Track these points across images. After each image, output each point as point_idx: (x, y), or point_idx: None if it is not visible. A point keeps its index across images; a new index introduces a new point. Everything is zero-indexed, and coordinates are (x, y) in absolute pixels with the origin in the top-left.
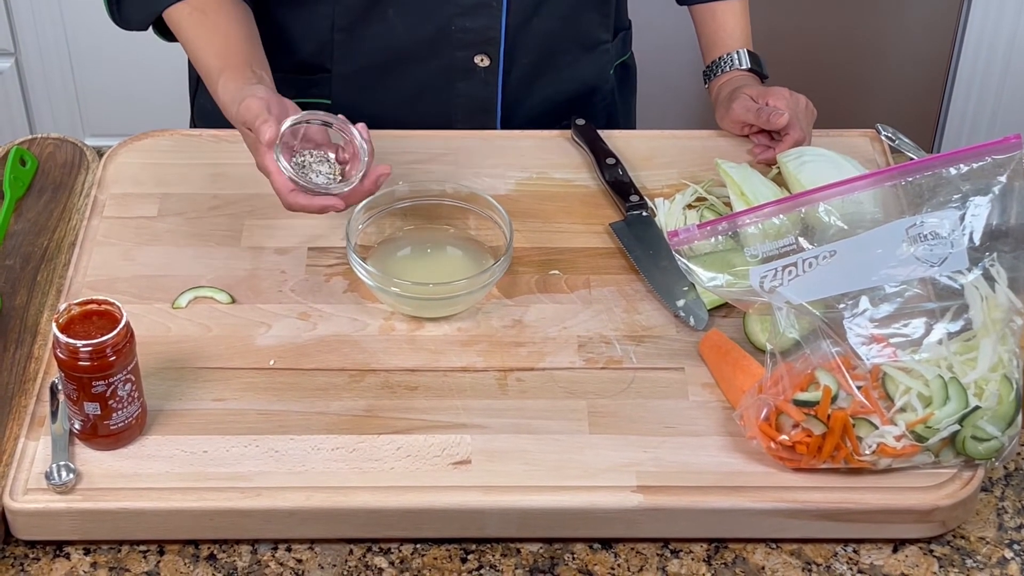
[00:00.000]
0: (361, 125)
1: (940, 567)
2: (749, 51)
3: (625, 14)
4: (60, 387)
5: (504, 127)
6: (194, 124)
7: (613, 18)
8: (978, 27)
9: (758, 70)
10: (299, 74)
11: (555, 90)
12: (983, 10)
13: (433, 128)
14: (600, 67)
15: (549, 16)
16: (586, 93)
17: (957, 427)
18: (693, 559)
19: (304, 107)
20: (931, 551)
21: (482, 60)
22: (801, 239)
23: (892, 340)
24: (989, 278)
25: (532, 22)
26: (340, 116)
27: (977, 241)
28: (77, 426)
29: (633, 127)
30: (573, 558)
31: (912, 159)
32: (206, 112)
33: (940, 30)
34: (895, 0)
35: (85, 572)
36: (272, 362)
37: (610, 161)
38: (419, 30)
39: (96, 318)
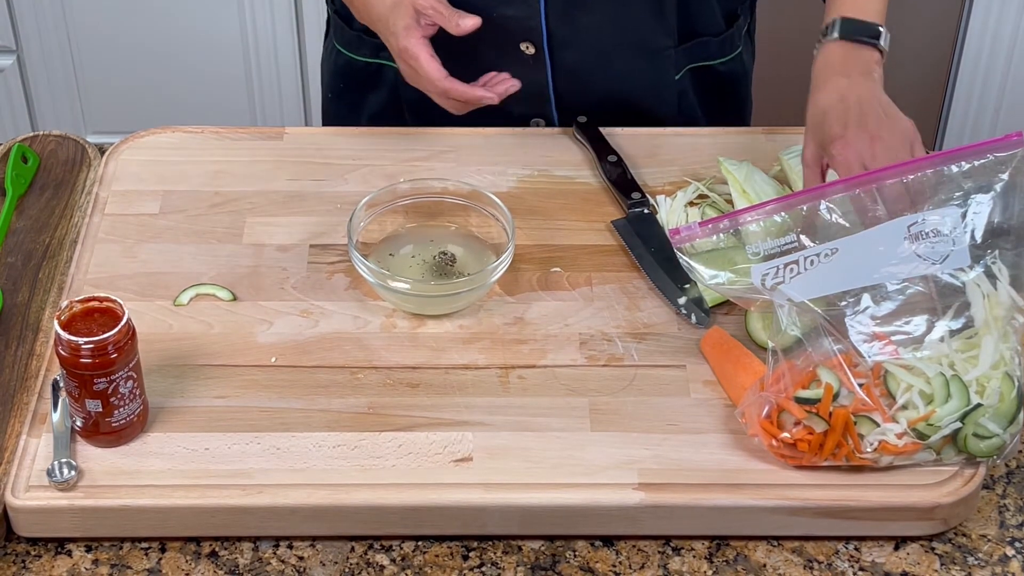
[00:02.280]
0: None
1: (941, 564)
2: (847, 18)
3: (712, 21)
4: (62, 384)
5: (561, 116)
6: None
7: (675, 22)
8: (980, 25)
9: (864, 39)
10: (370, 36)
11: (608, 90)
12: (985, 8)
13: (491, 108)
14: (659, 73)
15: (596, 13)
16: (645, 97)
17: (959, 425)
18: (694, 556)
19: (379, 68)
20: (932, 549)
21: (528, 48)
22: (803, 237)
23: (894, 338)
24: (991, 276)
25: (577, 17)
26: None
27: (979, 239)
28: (79, 423)
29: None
30: (574, 555)
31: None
32: (322, 60)
33: (942, 28)
34: None
35: (87, 569)
36: (274, 359)
37: (612, 158)
38: (465, 12)
39: (98, 315)
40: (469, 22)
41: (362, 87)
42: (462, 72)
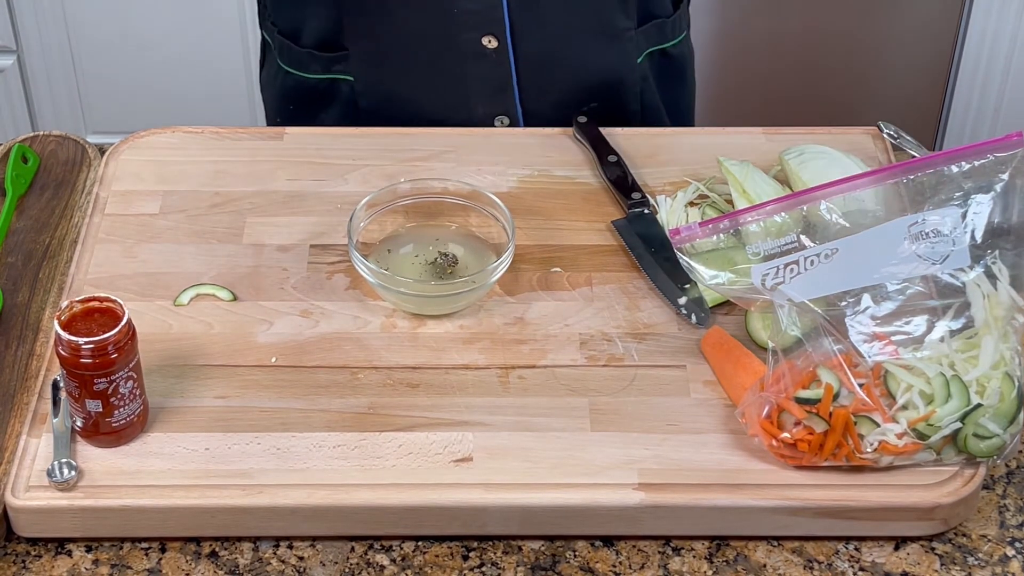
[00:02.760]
0: None
1: (942, 565)
2: None
3: (664, 2)
4: (62, 384)
5: (525, 111)
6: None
7: (635, 4)
8: (980, 24)
9: None
10: (322, 51)
11: (575, 77)
12: (985, 8)
13: (453, 109)
14: (623, 55)
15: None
16: (609, 81)
17: (959, 425)
18: (695, 556)
19: (332, 83)
20: (933, 549)
21: (490, 42)
22: (803, 237)
23: (894, 338)
24: (991, 276)
25: (538, 4)
26: None
27: (979, 239)
28: (79, 423)
29: (687, 123)
30: (575, 555)
31: (914, 157)
32: (263, 84)
33: (942, 27)
34: None
35: (87, 569)
36: (274, 359)
37: (612, 158)
38: (423, 13)
39: (98, 315)
40: None
41: (314, 105)
42: (424, 74)
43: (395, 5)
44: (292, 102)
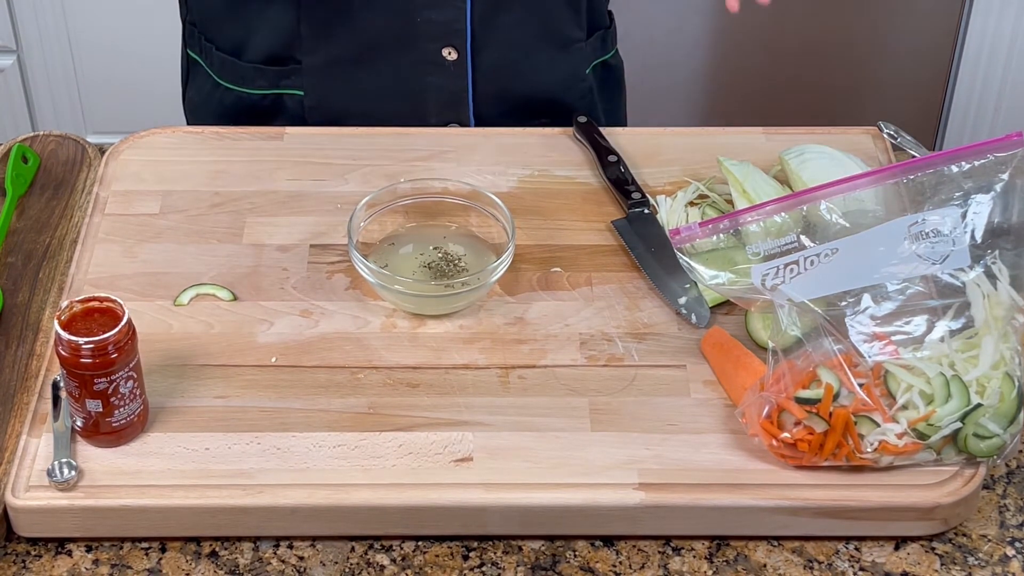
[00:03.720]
0: None
1: (942, 564)
2: None
3: (604, 14)
4: (62, 384)
5: (478, 122)
6: (188, 119)
7: (585, 16)
8: (980, 24)
9: None
10: (270, 65)
11: (528, 87)
12: (985, 7)
13: (406, 120)
14: (574, 66)
15: (516, 11)
16: (561, 92)
17: (959, 425)
18: (695, 556)
19: (277, 98)
20: (933, 549)
21: (450, 53)
22: (803, 237)
23: (894, 338)
24: (991, 276)
25: (499, 16)
26: None
27: (979, 239)
28: (79, 423)
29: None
30: (575, 555)
31: (914, 156)
32: (194, 105)
33: (942, 27)
34: None
35: (87, 569)
36: (274, 359)
37: (612, 158)
38: (385, 23)
39: (98, 315)
40: None
41: (256, 121)
42: (380, 84)
43: (358, 10)
44: (233, 120)
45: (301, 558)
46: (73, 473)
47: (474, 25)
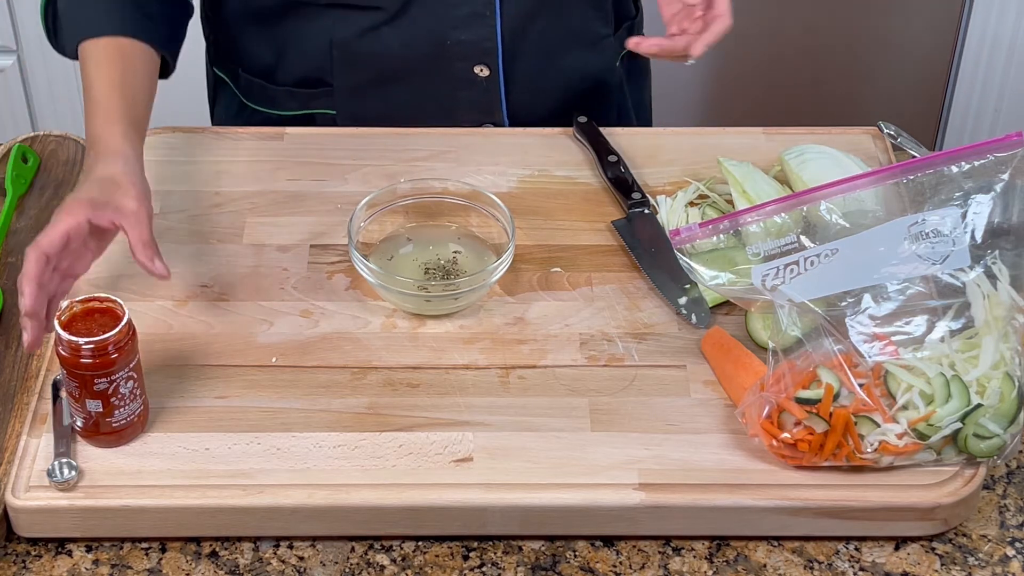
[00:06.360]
0: None
1: (942, 565)
2: None
3: (630, 4)
4: (62, 384)
5: (512, 122)
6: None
7: (611, 10)
8: (980, 24)
9: None
10: (301, 87)
11: (560, 90)
12: (985, 7)
13: (443, 117)
14: (604, 61)
15: (544, 21)
16: (593, 89)
17: (959, 425)
18: (695, 557)
19: (308, 116)
20: (933, 549)
21: (482, 71)
22: (803, 237)
23: (894, 338)
24: (991, 276)
25: (527, 28)
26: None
27: (979, 239)
28: (79, 423)
29: (649, 121)
30: (575, 556)
31: (914, 156)
32: (222, 123)
33: (942, 27)
34: None
35: (87, 569)
36: (274, 359)
37: (612, 158)
38: (415, 45)
39: (98, 315)
40: (160, 269)
41: None
42: (412, 102)
43: (390, 37)
44: None
45: (301, 558)
46: (73, 473)
47: (504, 41)
